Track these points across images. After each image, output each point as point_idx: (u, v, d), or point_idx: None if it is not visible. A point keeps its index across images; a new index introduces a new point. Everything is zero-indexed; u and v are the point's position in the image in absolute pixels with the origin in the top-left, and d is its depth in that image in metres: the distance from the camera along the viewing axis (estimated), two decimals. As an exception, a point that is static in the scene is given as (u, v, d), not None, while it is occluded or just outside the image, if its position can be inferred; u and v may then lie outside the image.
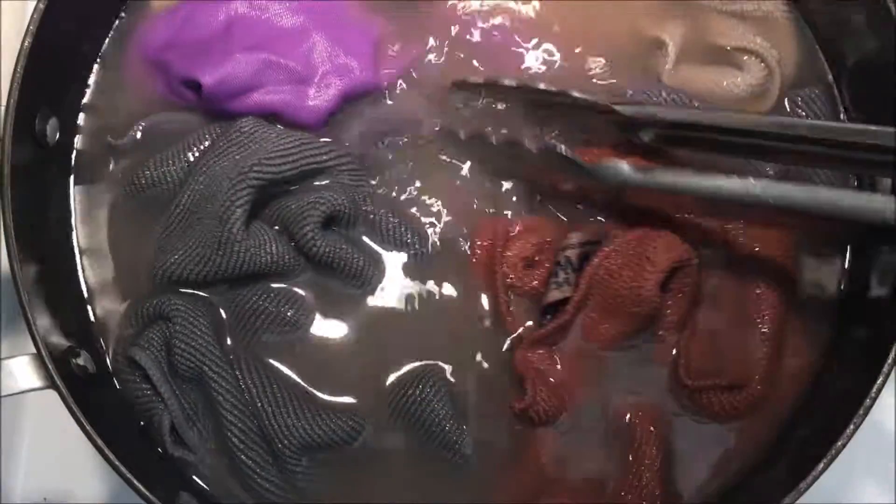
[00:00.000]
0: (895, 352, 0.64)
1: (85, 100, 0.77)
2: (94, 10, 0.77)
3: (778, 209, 0.62)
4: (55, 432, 0.74)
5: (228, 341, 0.70)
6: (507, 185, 0.74)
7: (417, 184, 0.74)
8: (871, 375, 0.63)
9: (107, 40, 0.78)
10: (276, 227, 0.71)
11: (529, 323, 0.70)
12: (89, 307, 0.73)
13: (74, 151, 0.76)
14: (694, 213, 0.71)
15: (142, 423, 0.69)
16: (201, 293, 0.71)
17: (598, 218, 0.72)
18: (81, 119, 0.77)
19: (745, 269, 0.71)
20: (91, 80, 0.78)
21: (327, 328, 0.71)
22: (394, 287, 0.72)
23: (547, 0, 0.79)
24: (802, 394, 0.71)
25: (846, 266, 0.74)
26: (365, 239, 0.72)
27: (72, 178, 0.76)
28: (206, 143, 0.73)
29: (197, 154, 0.73)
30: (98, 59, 0.78)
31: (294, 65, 0.74)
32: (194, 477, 0.69)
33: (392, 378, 0.70)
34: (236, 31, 0.75)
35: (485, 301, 0.71)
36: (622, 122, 0.69)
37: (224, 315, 0.71)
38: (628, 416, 0.69)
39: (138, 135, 0.75)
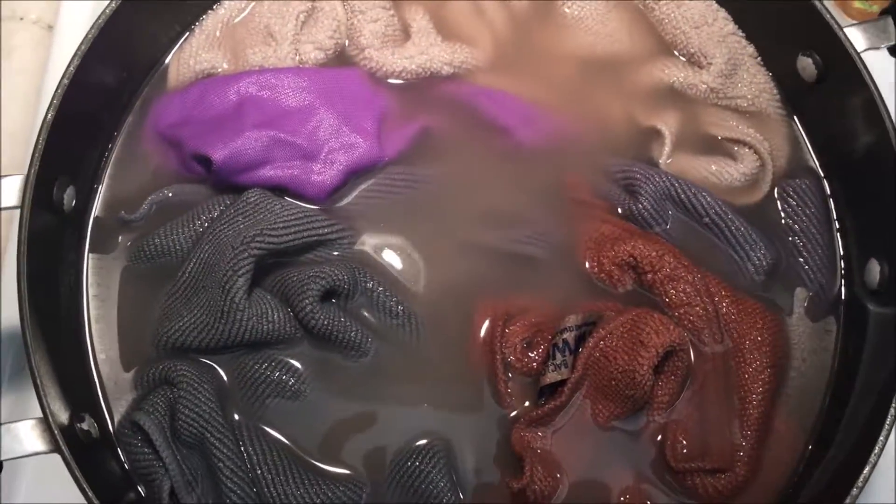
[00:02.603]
0: (881, 441, 0.64)
1: (102, 170, 0.78)
2: (114, 85, 0.78)
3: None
4: (51, 495, 0.75)
5: (231, 408, 0.70)
6: (508, 264, 0.74)
7: (418, 261, 0.75)
8: (859, 462, 0.63)
9: (125, 114, 0.80)
10: (278, 297, 0.71)
11: (527, 403, 0.70)
12: (96, 372, 0.72)
13: (90, 219, 0.76)
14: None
15: (141, 487, 0.69)
16: (205, 359, 0.71)
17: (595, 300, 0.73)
18: (98, 188, 0.77)
19: (734, 355, 0.71)
20: (108, 152, 0.78)
21: (327, 398, 0.71)
22: (392, 360, 0.72)
23: (546, 86, 0.80)
24: (790, 478, 0.71)
25: (836, 350, 0.74)
26: (364, 312, 0.73)
27: (86, 244, 0.76)
28: (215, 214, 0.74)
29: (206, 223, 0.73)
30: (116, 132, 0.79)
31: (301, 142, 0.75)
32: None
33: (391, 449, 0.70)
34: (246, 110, 0.76)
35: (484, 379, 0.71)
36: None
37: (227, 382, 0.71)
38: (618, 495, 0.69)
39: (151, 209, 0.75)
